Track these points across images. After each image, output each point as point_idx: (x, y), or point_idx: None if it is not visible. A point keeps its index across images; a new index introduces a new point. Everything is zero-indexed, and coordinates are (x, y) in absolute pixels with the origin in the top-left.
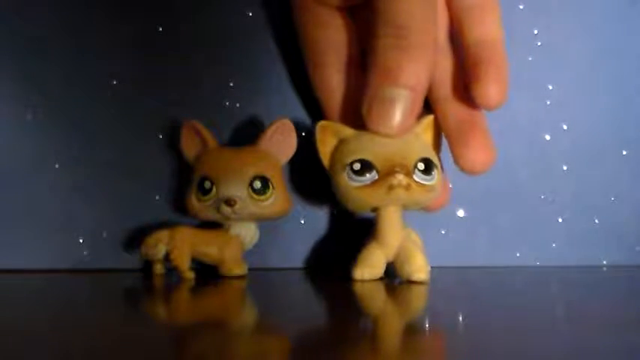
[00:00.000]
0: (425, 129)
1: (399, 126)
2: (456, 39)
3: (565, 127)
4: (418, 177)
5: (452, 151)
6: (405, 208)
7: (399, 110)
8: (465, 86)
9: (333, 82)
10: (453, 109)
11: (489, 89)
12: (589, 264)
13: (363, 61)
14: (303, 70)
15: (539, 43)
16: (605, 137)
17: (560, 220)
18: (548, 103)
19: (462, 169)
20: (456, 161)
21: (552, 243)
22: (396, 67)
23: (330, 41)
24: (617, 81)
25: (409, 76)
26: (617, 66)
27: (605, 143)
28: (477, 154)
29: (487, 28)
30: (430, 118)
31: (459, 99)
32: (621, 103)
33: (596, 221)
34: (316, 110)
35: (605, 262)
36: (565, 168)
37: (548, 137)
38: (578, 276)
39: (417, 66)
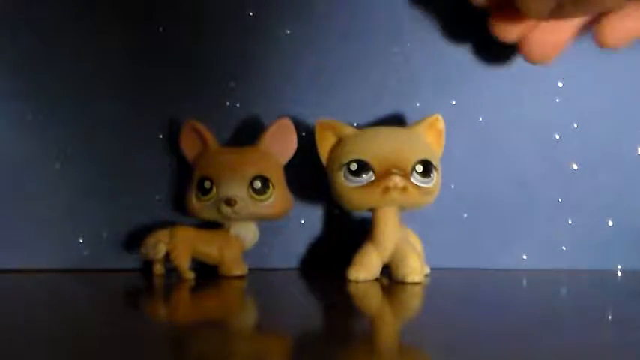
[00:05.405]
0: (427, 129)
1: None
2: None
3: (575, 125)
4: (416, 179)
5: None
6: (402, 209)
7: None
8: None
9: None
10: None
11: None
12: (602, 268)
13: None
14: (303, 70)
15: None
16: (618, 135)
17: (569, 221)
18: (558, 100)
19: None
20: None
21: (562, 246)
22: None
23: None
24: (631, 75)
25: None
26: (630, 60)
27: (618, 141)
28: None
29: None
30: (432, 117)
31: None
32: (635, 98)
33: (610, 223)
34: (316, 110)
35: (619, 267)
36: (575, 167)
37: (557, 136)
38: (589, 281)
39: None
